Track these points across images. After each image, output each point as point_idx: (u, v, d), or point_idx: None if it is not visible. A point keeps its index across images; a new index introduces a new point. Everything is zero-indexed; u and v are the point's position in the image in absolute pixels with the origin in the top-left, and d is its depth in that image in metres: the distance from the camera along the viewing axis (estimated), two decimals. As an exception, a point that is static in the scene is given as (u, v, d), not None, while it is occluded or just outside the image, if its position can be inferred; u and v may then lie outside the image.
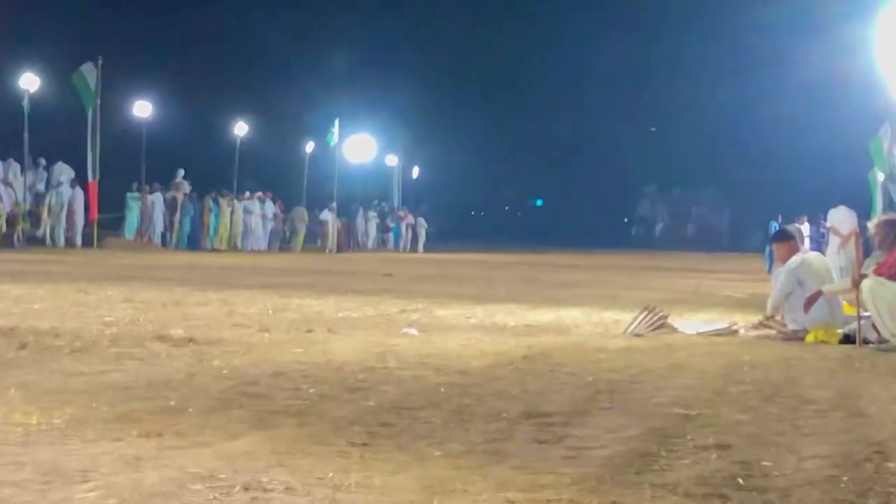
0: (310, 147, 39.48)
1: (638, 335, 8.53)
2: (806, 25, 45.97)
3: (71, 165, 29.52)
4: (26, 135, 26.81)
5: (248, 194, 35.26)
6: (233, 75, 52.40)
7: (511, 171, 76.89)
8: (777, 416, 4.84)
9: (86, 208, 28.72)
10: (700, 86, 62.37)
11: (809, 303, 8.74)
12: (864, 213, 19.10)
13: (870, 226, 9.31)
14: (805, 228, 23.35)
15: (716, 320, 10.17)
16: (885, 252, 8.57)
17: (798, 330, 8.79)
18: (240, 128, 37.14)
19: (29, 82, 27.82)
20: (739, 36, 59.45)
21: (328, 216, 36.75)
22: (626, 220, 78.89)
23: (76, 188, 28.57)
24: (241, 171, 35.78)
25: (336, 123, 37.13)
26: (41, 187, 28.96)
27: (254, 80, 53.79)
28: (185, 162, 34.16)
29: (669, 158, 71.89)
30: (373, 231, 42.62)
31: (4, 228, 26.39)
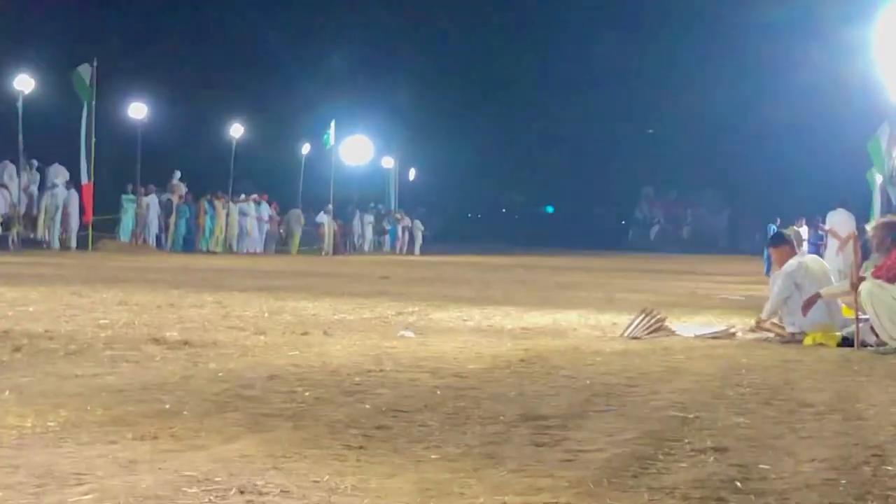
0: (306, 149, 39.46)
1: (635, 338, 8.52)
2: (804, 27, 46.11)
3: (66, 167, 29.44)
4: (21, 137, 26.76)
5: (244, 196, 35.24)
6: (228, 77, 52.39)
7: (508, 173, 76.92)
8: (775, 420, 4.83)
9: (80, 210, 28.64)
10: (698, 87, 62.42)
11: (808, 305, 8.72)
12: (863, 216, 19.09)
13: (868, 228, 9.31)
14: (803, 231, 23.32)
15: (713, 323, 10.18)
16: (883, 254, 8.57)
17: (796, 332, 8.78)
18: (235, 129, 37.12)
19: (23, 84, 27.77)
20: (738, 38, 59.57)
21: (324, 218, 36.75)
22: (624, 223, 78.96)
23: (71, 190, 28.49)
24: (237, 173, 35.77)
25: (332, 125, 37.12)
26: (34, 189, 28.89)
27: (250, 82, 53.80)
28: (181, 164, 34.16)
29: (668, 160, 72.03)
30: (369, 233, 42.60)
31: (0, 231, 26.34)
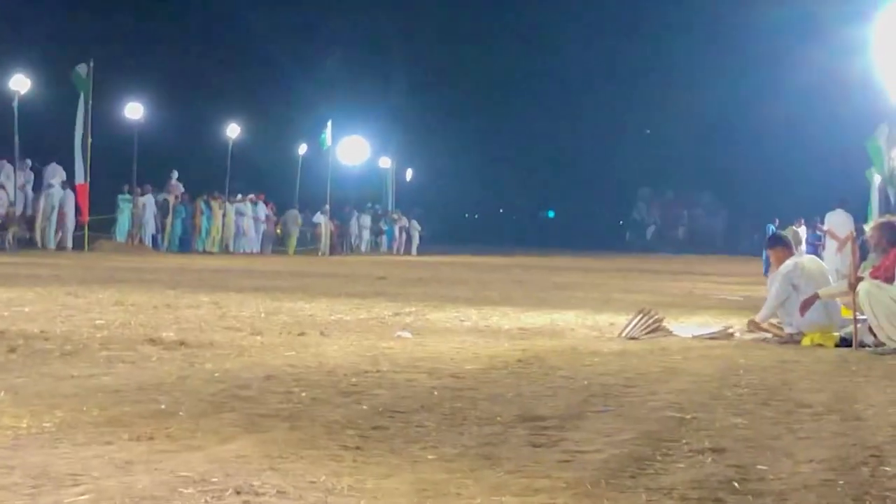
0: (303, 149, 39.41)
1: (633, 338, 8.51)
2: (802, 27, 46.05)
3: (62, 167, 29.40)
4: (17, 137, 26.72)
5: (241, 196, 35.20)
6: (225, 77, 52.26)
7: (505, 174, 76.88)
8: (772, 420, 4.82)
9: (77, 211, 28.60)
10: (696, 88, 62.42)
11: (805, 306, 8.72)
12: (861, 216, 19.10)
13: (866, 229, 9.31)
14: (802, 231, 23.35)
15: (711, 323, 10.17)
16: (881, 255, 8.57)
17: (794, 333, 8.78)
18: (232, 129, 37.06)
19: (19, 84, 27.74)
20: (735, 38, 59.54)
21: (321, 218, 36.74)
22: (621, 223, 78.98)
23: (67, 190, 28.43)
24: (234, 174, 35.72)
25: (329, 125, 37.10)
26: (29, 189, 28.84)
27: (246, 82, 53.69)
28: (177, 164, 34.11)
29: (665, 161, 72.02)
30: (366, 234, 42.60)
31: (-3, 231, 26.33)
